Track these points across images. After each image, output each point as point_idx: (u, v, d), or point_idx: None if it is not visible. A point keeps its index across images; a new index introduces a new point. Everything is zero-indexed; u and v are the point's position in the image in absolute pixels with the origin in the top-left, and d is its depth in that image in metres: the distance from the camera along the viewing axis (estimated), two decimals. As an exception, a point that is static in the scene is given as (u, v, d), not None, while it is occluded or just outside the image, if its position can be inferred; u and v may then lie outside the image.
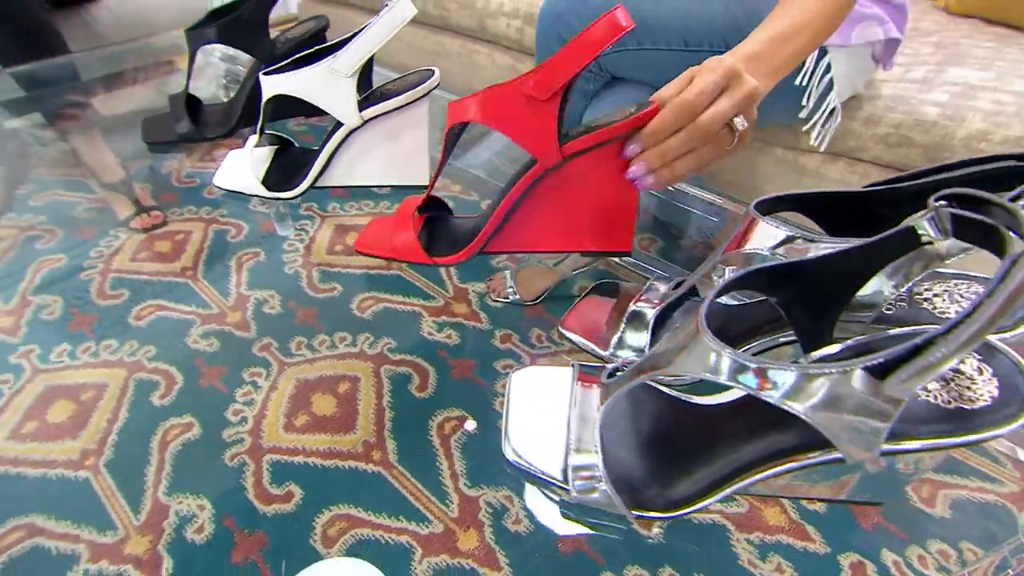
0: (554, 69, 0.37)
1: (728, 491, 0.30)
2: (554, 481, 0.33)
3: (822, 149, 0.81)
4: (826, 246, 0.31)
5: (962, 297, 0.36)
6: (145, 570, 0.29)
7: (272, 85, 0.53)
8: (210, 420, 0.36)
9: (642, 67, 0.72)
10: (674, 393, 0.35)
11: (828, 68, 0.72)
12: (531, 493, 0.34)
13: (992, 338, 0.29)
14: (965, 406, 0.28)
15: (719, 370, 0.26)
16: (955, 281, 0.37)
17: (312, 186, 0.57)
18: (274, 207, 0.57)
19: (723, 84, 0.40)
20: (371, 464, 0.35)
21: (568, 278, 0.49)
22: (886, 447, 0.27)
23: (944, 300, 0.36)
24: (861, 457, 0.27)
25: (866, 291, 0.33)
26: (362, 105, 0.53)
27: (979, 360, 0.29)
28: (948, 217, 0.26)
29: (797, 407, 0.25)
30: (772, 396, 0.25)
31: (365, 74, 0.55)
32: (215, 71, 0.81)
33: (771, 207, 0.35)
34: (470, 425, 0.37)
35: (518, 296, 0.47)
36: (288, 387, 0.39)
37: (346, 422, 0.37)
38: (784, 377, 0.25)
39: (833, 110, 0.77)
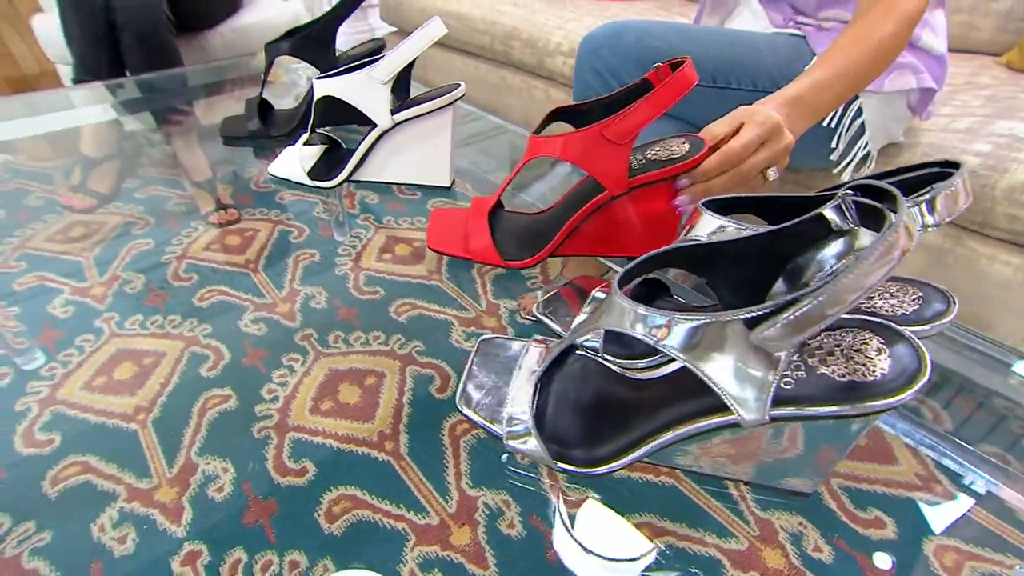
0: (634, 120, 0.42)
1: (639, 453, 0.33)
2: (492, 428, 0.37)
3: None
4: (750, 232, 0.33)
5: (891, 295, 0.38)
6: (168, 517, 0.32)
7: (321, 87, 0.61)
8: (246, 395, 0.40)
9: None
10: (618, 369, 0.38)
11: (859, 112, 0.71)
12: (530, 501, 0.34)
13: (908, 330, 0.31)
14: (857, 379, 0.29)
15: (624, 322, 0.29)
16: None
17: (347, 179, 0.65)
18: (333, 217, 0.62)
19: (765, 138, 0.47)
20: (383, 453, 0.37)
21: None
22: (777, 412, 0.29)
23: (873, 297, 0.40)
24: (752, 418, 0.29)
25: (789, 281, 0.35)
26: (395, 110, 0.61)
27: (880, 342, 0.30)
28: (852, 205, 0.29)
29: (683, 355, 0.28)
30: (664, 345, 0.28)
31: (403, 84, 0.64)
32: (287, 81, 0.93)
33: (721, 206, 0.38)
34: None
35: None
36: (320, 374, 0.42)
37: (366, 412, 0.39)
38: (664, 323, 0.28)
39: (867, 155, 0.75)
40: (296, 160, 0.65)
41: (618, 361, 0.39)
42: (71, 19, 1.15)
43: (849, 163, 0.76)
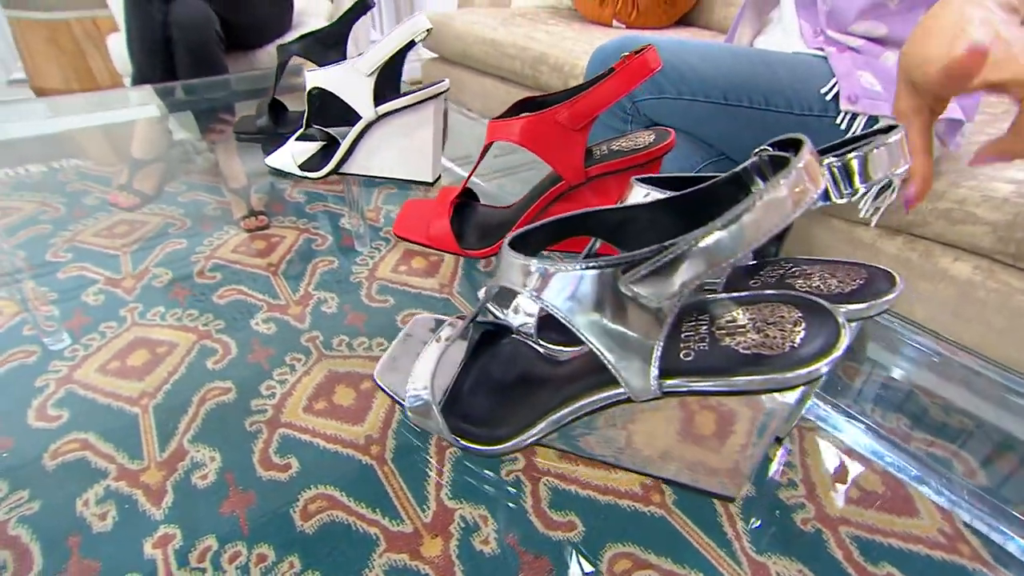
0: (587, 104, 0.41)
1: (536, 430, 0.32)
2: (400, 401, 0.37)
3: (873, 223, 0.74)
4: (665, 196, 0.31)
5: (832, 276, 0.36)
6: (150, 499, 0.33)
7: (311, 79, 0.65)
8: (245, 389, 0.41)
9: (680, 115, 0.74)
10: (546, 352, 0.38)
11: None
12: (509, 519, 0.33)
13: (847, 307, 0.30)
14: (763, 352, 0.26)
15: (511, 275, 0.29)
16: (825, 267, 0.37)
17: (334, 171, 0.69)
18: (356, 228, 0.63)
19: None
20: (367, 456, 0.36)
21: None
22: (669, 383, 0.27)
23: (812, 277, 0.36)
24: (639, 387, 0.27)
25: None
26: (378, 103, 0.64)
27: (800, 316, 0.28)
28: (768, 162, 0.27)
29: (561, 311, 0.27)
30: (544, 300, 0.27)
31: (392, 81, 0.66)
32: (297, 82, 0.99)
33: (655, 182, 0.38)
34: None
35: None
36: (319, 375, 0.42)
37: (357, 415, 0.39)
38: (540, 272, 0.27)
39: (890, 184, 0.71)
40: (288, 152, 0.70)
41: (548, 345, 0.38)
42: (134, 32, 1.33)
43: (868, 192, 0.72)
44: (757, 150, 0.27)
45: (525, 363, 0.38)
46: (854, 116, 0.71)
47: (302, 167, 0.69)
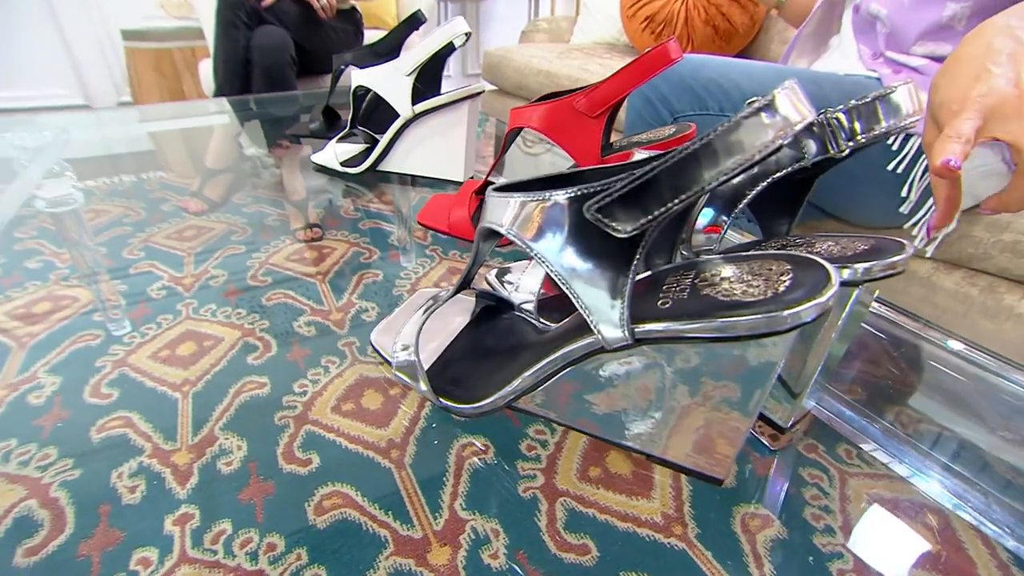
0: (604, 91, 0.41)
1: (513, 385, 0.32)
2: (388, 359, 0.40)
3: (929, 253, 0.68)
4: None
5: (835, 243, 0.34)
6: (177, 478, 0.34)
7: (356, 77, 0.69)
8: (279, 385, 0.42)
9: None
10: (540, 325, 0.39)
11: None
12: (521, 535, 0.32)
13: (859, 265, 0.28)
14: (744, 299, 0.25)
15: (493, 213, 0.29)
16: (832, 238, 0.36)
17: (372, 168, 0.73)
18: (403, 245, 0.65)
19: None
20: (386, 460, 0.36)
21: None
22: (642, 329, 0.26)
23: (815, 243, 0.35)
24: (612, 336, 0.27)
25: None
26: (416, 101, 0.68)
27: (788, 267, 0.26)
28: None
29: (533, 246, 0.27)
30: (515, 234, 0.27)
31: (433, 83, 0.70)
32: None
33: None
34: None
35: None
36: (351, 378, 0.43)
37: (382, 419, 0.40)
38: (514, 204, 0.27)
39: None
40: (331, 149, 0.75)
41: (547, 323, 0.38)
42: (220, 55, 1.55)
43: (924, 218, 0.67)
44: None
45: (518, 334, 0.38)
46: (907, 137, 0.67)
47: (343, 164, 0.74)
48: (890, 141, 0.68)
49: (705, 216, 0.36)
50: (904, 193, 0.66)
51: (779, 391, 0.38)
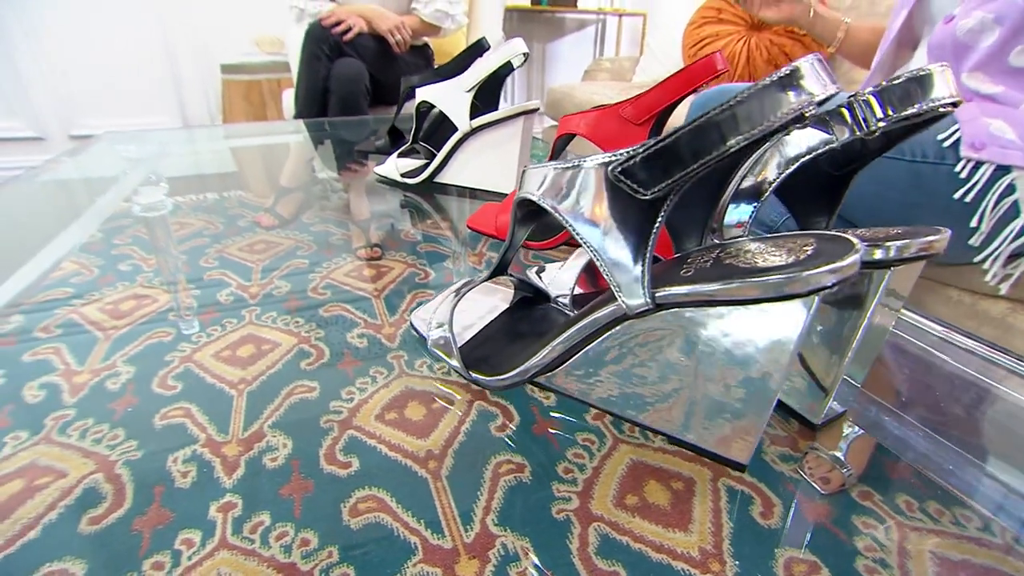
0: (650, 99, 0.43)
1: (536, 358, 0.35)
2: (423, 335, 0.44)
3: (1003, 291, 0.61)
4: None
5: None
6: (226, 468, 0.36)
7: (420, 93, 0.75)
8: (327, 391, 0.44)
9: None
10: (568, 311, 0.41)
11: (1011, 189, 0.57)
12: (552, 556, 0.31)
13: (892, 243, 0.28)
14: (764, 265, 0.25)
15: (527, 183, 0.31)
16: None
17: (430, 179, 0.78)
18: (458, 268, 0.67)
19: None
20: (424, 469, 0.37)
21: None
22: (662, 293, 0.27)
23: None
24: (635, 301, 0.28)
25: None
26: (474, 116, 0.72)
27: (814, 240, 0.26)
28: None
29: (562, 210, 0.28)
30: (544, 199, 0.29)
31: (494, 96, 0.74)
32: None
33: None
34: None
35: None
36: (396, 389, 0.44)
37: (423, 430, 0.40)
38: (543, 173, 0.29)
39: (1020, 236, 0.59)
40: (393, 162, 0.81)
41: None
42: (302, 83, 1.73)
43: (998, 251, 0.61)
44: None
45: (551, 322, 0.40)
46: (977, 165, 0.63)
47: (404, 176, 0.79)
48: (958, 168, 0.64)
49: (737, 212, 0.36)
50: (974, 223, 0.62)
51: (810, 387, 0.38)
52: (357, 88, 1.69)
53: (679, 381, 0.31)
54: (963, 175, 0.64)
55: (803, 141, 0.33)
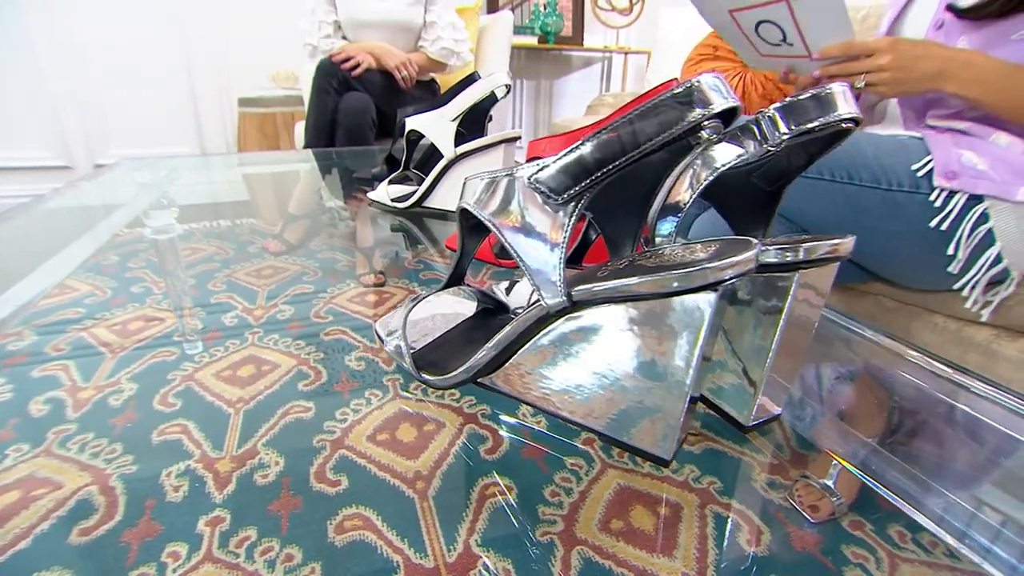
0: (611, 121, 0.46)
1: (478, 356, 0.37)
2: (383, 338, 0.47)
3: (984, 318, 0.61)
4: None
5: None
6: (217, 484, 0.36)
7: (408, 122, 0.79)
8: (322, 411, 0.44)
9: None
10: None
11: (984, 218, 0.58)
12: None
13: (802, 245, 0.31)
14: (668, 264, 0.27)
15: (468, 195, 0.34)
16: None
17: (418, 203, 0.83)
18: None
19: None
20: (411, 489, 0.37)
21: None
22: (577, 290, 0.30)
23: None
24: (554, 300, 0.30)
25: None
26: (458, 144, 0.76)
27: (719, 243, 0.29)
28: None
29: (491, 219, 0.31)
30: (477, 209, 0.32)
31: (479, 125, 0.79)
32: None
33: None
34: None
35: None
36: (389, 411, 0.45)
37: (413, 452, 0.41)
38: (482, 182, 0.32)
39: (1005, 274, 0.59)
40: (384, 188, 0.88)
41: None
42: (312, 115, 1.83)
43: (976, 278, 0.61)
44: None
45: (501, 327, 0.41)
46: (951, 194, 0.64)
47: (394, 201, 0.83)
48: (932, 197, 0.65)
49: (666, 224, 0.39)
50: (951, 251, 0.63)
51: (739, 388, 0.40)
52: (363, 121, 1.77)
53: (600, 378, 0.34)
54: (937, 204, 0.65)
55: (719, 155, 0.37)
